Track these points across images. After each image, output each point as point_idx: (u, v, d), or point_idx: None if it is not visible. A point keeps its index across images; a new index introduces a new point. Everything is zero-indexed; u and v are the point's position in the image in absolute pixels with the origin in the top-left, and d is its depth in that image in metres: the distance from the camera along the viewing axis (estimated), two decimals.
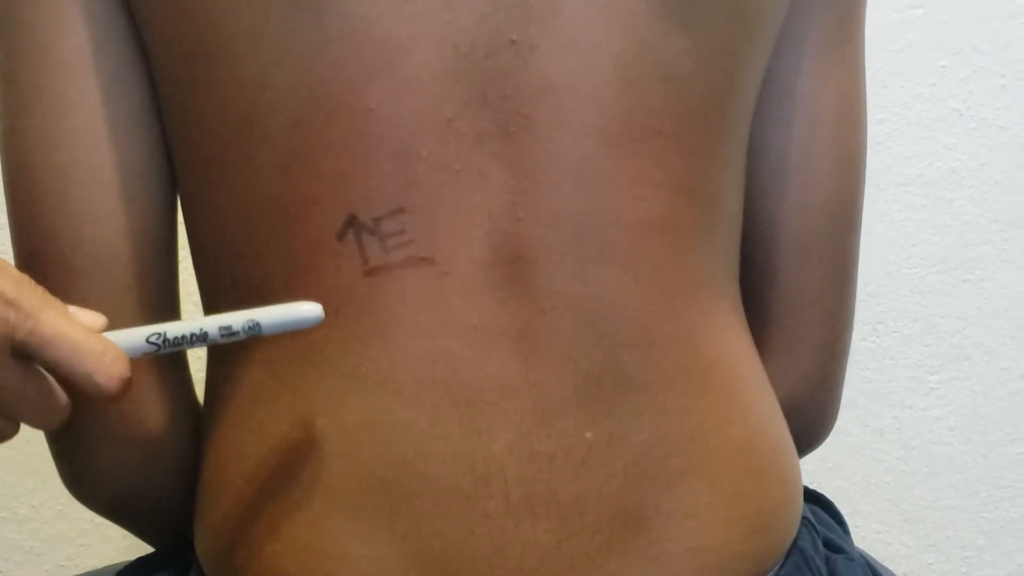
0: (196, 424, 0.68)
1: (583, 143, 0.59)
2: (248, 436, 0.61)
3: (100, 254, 0.62)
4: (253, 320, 0.53)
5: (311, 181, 0.58)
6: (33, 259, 0.62)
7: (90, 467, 0.66)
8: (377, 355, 0.58)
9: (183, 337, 0.54)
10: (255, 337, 0.54)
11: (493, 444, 0.57)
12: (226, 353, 0.63)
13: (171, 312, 0.67)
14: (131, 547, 0.74)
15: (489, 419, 0.57)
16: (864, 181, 0.73)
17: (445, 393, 0.57)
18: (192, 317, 0.68)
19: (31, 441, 1.22)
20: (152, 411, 0.65)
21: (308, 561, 0.57)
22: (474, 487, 0.57)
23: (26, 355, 0.50)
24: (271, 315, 0.53)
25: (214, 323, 0.54)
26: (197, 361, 0.68)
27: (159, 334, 0.54)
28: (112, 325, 0.62)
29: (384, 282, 0.58)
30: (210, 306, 0.66)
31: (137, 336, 0.54)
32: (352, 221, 0.58)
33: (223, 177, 0.60)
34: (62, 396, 0.53)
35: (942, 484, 1.34)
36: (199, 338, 0.54)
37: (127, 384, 0.52)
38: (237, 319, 0.53)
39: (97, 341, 0.52)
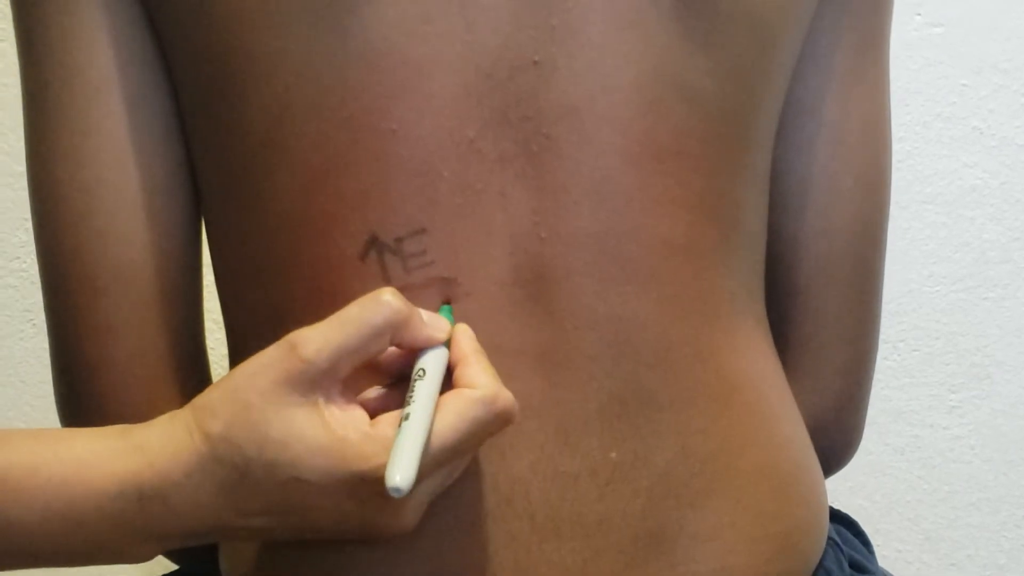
0: None
1: (605, 163, 0.59)
2: None
3: (124, 272, 0.62)
4: None
5: (333, 201, 0.58)
6: (58, 277, 0.62)
7: None
8: None
9: None
10: None
11: (516, 464, 0.57)
12: None
13: (193, 331, 0.67)
14: (153, 564, 0.74)
15: (512, 439, 0.57)
16: (889, 202, 0.73)
17: None
18: (213, 336, 0.69)
19: None
20: None
21: None
22: (498, 507, 0.57)
23: None
24: None
25: None
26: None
27: None
28: (135, 342, 0.63)
29: None
30: (231, 325, 0.66)
31: None
32: (374, 241, 0.58)
33: (245, 197, 0.61)
34: None
35: (963, 503, 1.34)
36: None
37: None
38: None
39: None
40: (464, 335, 0.55)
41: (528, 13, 0.58)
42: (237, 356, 0.66)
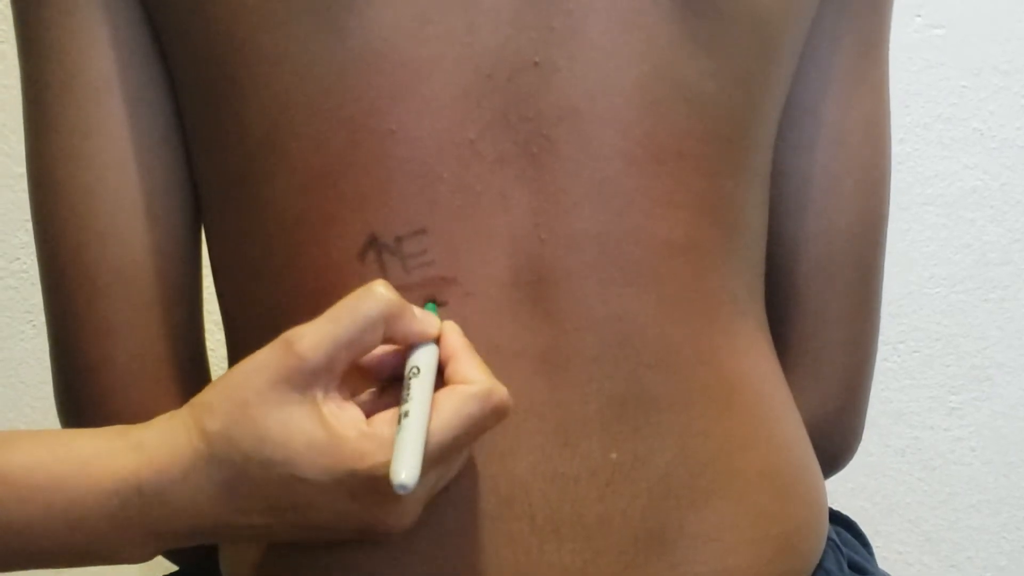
0: None
1: (606, 164, 0.59)
2: None
3: (125, 272, 0.62)
4: None
5: (332, 202, 0.58)
6: (58, 278, 0.63)
7: None
8: None
9: None
10: None
11: (516, 466, 0.57)
12: None
13: (193, 332, 0.67)
14: (153, 565, 0.74)
15: (512, 441, 0.57)
16: (888, 203, 0.73)
17: None
18: (213, 337, 0.69)
19: None
20: None
21: None
22: (498, 509, 0.57)
23: None
24: None
25: None
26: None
27: None
28: (135, 343, 0.62)
29: None
30: (231, 326, 0.66)
31: None
32: (373, 241, 0.58)
33: (245, 197, 0.61)
34: None
35: (963, 504, 1.34)
36: None
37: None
38: None
39: None
40: (453, 331, 0.55)
41: (529, 14, 0.58)
42: (237, 357, 0.66)
